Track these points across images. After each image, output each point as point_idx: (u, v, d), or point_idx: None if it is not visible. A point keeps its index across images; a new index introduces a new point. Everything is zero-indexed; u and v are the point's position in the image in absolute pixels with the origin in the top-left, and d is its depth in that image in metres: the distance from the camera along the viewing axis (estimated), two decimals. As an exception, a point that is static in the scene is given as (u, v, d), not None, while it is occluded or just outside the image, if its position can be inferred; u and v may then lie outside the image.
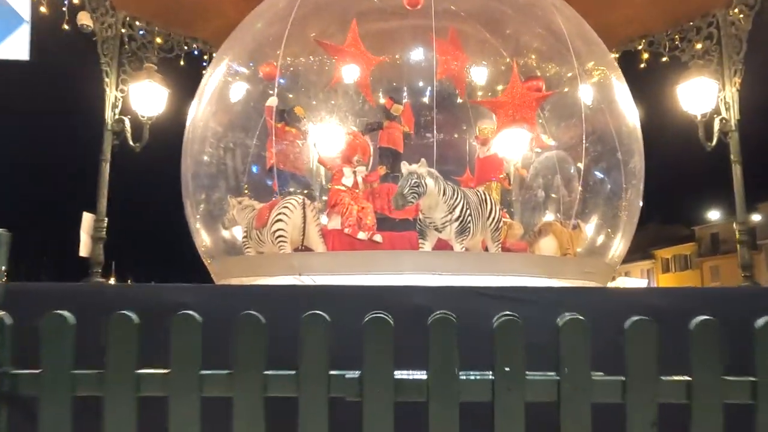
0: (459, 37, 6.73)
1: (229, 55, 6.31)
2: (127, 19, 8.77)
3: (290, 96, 6.71)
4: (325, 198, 6.50)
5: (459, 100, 7.16)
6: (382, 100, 7.49)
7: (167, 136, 8.66)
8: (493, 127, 6.66)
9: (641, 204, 5.81)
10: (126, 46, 8.72)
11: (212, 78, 6.18)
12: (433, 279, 4.53)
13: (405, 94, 7.74)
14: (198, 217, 5.83)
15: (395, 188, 6.93)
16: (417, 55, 7.06)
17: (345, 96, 7.13)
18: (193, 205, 5.87)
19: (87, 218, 8.29)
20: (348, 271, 4.64)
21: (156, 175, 6.12)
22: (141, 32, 8.91)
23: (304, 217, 5.59)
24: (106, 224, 8.54)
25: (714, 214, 42.64)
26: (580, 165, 5.59)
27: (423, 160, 4.90)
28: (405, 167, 4.94)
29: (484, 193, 5.61)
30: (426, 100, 7.61)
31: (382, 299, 3.81)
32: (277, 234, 5.55)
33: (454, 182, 5.34)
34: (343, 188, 6.05)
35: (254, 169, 6.25)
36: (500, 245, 5.64)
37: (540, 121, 5.62)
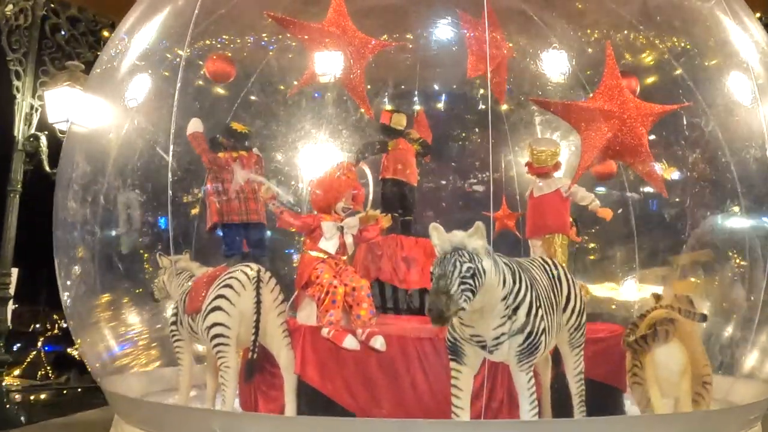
0: (497, 17, 4.45)
1: (137, 31, 4.04)
2: (51, 3, 6.63)
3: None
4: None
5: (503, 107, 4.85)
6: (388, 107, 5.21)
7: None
8: (556, 149, 4.33)
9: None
10: (49, 39, 6.61)
11: (122, 64, 3.95)
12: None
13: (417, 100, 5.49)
14: (69, 292, 3.51)
15: (409, 245, 4.52)
16: (437, 43, 4.79)
17: (325, 105, 4.82)
18: (64, 269, 3.54)
19: (-18, 272, 6.12)
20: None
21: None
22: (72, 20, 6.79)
23: (258, 302, 3.30)
24: (15, 278, 6.40)
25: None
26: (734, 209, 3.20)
27: (479, 224, 2.40)
28: (438, 234, 2.44)
29: (555, 265, 3.24)
30: (446, 106, 5.35)
31: None
32: (213, 332, 3.30)
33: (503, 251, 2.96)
34: (321, 255, 3.65)
35: (162, 222, 3.91)
36: (582, 353, 3.27)
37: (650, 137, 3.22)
